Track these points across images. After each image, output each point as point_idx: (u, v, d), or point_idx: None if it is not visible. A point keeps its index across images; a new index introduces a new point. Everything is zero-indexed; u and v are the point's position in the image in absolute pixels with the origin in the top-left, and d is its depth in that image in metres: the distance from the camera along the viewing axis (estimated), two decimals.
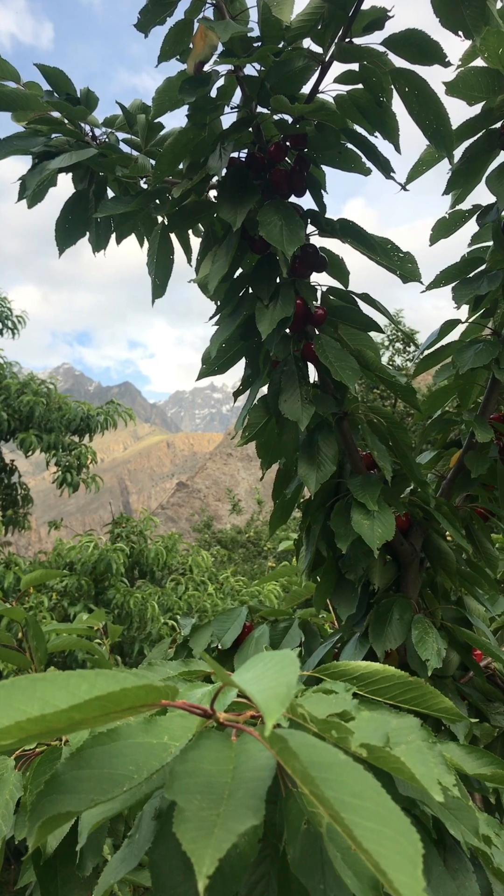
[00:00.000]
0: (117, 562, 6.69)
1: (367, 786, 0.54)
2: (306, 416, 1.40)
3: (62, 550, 7.00)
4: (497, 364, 1.51)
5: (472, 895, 1.07)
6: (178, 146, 1.44)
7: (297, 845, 0.74)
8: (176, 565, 7.98)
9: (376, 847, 0.48)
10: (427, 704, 0.91)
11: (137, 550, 7.55)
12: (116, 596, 6.65)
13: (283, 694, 0.49)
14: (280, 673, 0.53)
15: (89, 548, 6.77)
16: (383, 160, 1.40)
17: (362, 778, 0.55)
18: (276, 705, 0.49)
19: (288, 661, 0.55)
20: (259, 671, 0.56)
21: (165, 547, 7.75)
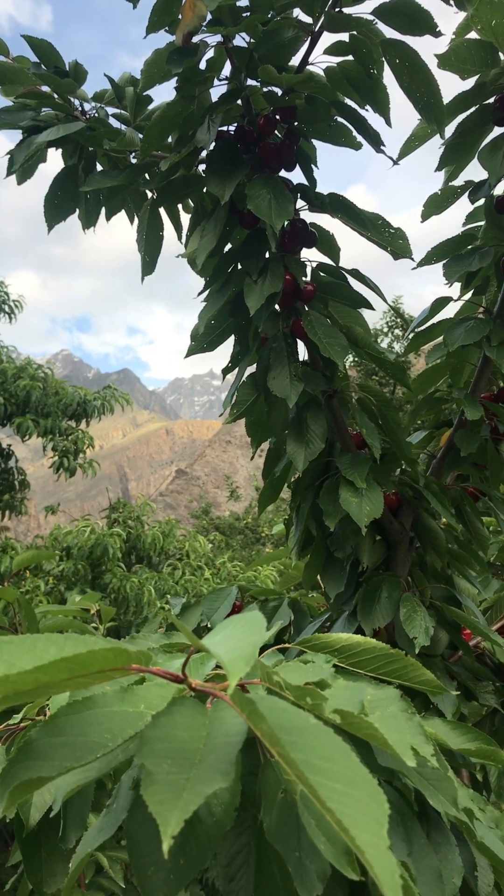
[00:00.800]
0: (114, 546, 6.69)
1: (336, 749, 0.54)
2: (295, 394, 1.39)
3: (59, 535, 7.01)
4: (488, 341, 1.50)
5: (455, 868, 1.07)
6: (166, 119, 1.42)
7: (274, 814, 0.73)
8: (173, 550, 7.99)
9: (341, 807, 0.48)
10: (409, 677, 0.90)
11: (134, 535, 7.56)
12: (113, 580, 6.67)
13: (248, 653, 0.49)
14: (246, 634, 0.53)
15: (86, 532, 6.78)
16: (373, 133, 1.39)
17: (332, 741, 0.54)
18: (241, 664, 0.48)
19: (254, 623, 0.54)
20: (227, 634, 0.56)
21: (162, 532, 7.75)
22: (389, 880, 0.44)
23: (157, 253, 1.70)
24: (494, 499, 1.73)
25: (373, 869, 0.44)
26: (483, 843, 1.07)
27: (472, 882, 1.18)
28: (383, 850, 0.45)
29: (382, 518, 1.59)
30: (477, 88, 1.52)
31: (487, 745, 1.15)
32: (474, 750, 1.14)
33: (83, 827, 1.08)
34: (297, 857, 0.71)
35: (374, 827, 0.47)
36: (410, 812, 1.01)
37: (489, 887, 1.22)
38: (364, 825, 0.47)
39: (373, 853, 0.45)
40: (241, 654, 0.50)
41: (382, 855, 0.45)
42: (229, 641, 0.53)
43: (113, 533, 6.93)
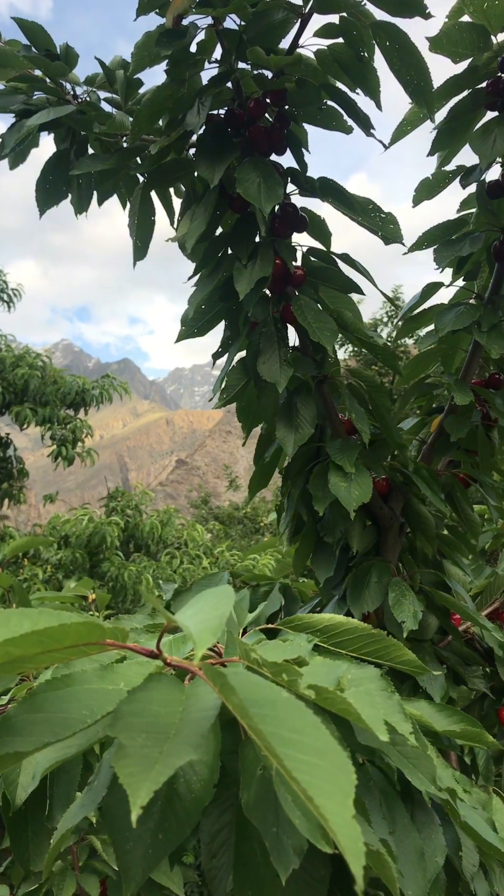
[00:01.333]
0: (112, 535, 6.71)
1: (307, 722, 0.54)
2: (284, 378, 1.39)
3: (57, 524, 7.02)
4: (478, 326, 1.50)
5: (438, 848, 1.08)
6: (156, 102, 1.41)
7: (252, 790, 0.74)
8: (172, 539, 8.01)
9: (308, 778, 0.48)
10: (390, 657, 0.91)
11: (132, 524, 7.57)
12: (111, 569, 6.69)
13: (215, 625, 0.49)
14: (214, 607, 0.53)
15: (84, 521, 6.79)
16: (364, 117, 1.38)
17: (303, 714, 0.55)
18: (208, 636, 0.49)
19: (222, 597, 0.55)
20: (198, 608, 0.56)
21: (161, 521, 7.77)
22: (353, 847, 0.44)
23: (148, 238, 1.70)
24: (485, 485, 1.73)
25: (336, 836, 0.45)
26: (467, 823, 1.08)
27: (457, 862, 1.19)
28: (348, 819, 0.46)
29: (372, 503, 1.59)
30: (469, 72, 1.52)
31: (473, 727, 1.16)
32: (459, 732, 1.15)
33: (69, 805, 1.09)
34: (275, 833, 0.72)
35: (340, 797, 0.48)
36: (394, 792, 1.02)
37: (474, 867, 1.24)
38: (330, 795, 0.47)
39: (336, 821, 0.45)
40: (208, 626, 0.50)
41: (346, 823, 0.45)
42: (199, 615, 0.54)
43: (111, 521, 6.95)
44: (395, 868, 0.75)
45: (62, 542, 6.94)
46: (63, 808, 1.09)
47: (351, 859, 0.44)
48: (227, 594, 0.55)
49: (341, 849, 0.44)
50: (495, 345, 1.46)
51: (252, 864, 0.80)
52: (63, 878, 2.20)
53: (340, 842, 0.44)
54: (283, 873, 0.70)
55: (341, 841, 0.44)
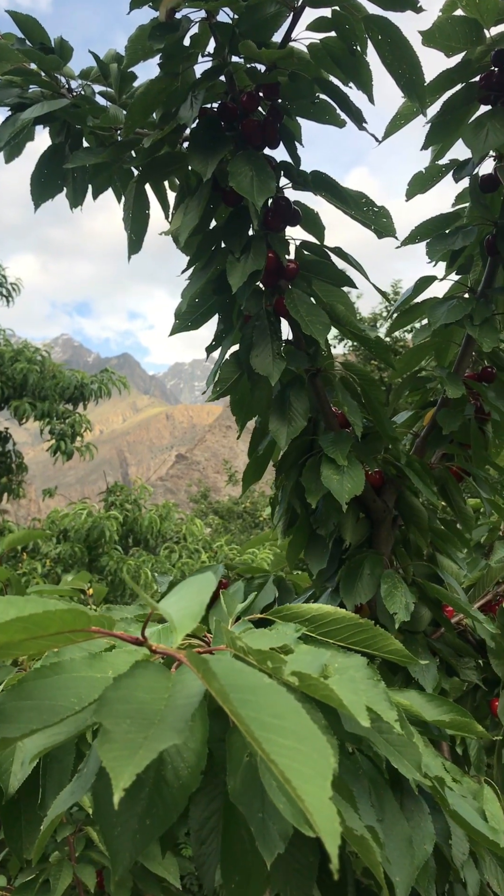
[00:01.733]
0: (110, 529, 6.72)
1: (288, 708, 0.55)
2: (277, 371, 1.40)
3: (56, 518, 7.03)
4: (470, 320, 1.51)
5: (427, 835, 1.10)
6: (149, 96, 1.41)
7: (238, 777, 0.75)
8: (170, 534, 8.02)
9: (287, 761, 0.49)
10: (377, 646, 0.92)
11: (131, 519, 7.58)
12: (110, 563, 6.70)
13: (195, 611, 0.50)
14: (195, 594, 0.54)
15: (83, 515, 6.80)
16: (356, 110, 1.38)
17: (284, 700, 0.56)
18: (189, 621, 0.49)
19: (203, 584, 0.55)
20: (179, 595, 0.57)
21: (159, 515, 7.78)
22: (329, 828, 0.45)
23: (143, 231, 1.70)
24: (478, 478, 1.74)
25: (312, 817, 0.46)
26: (455, 811, 1.09)
27: (446, 850, 1.20)
28: (324, 801, 0.47)
29: (366, 496, 1.60)
30: (462, 66, 1.52)
31: (462, 716, 1.17)
32: (449, 721, 1.16)
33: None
34: (261, 818, 0.73)
35: (318, 780, 0.48)
36: (382, 780, 1.03)
37: (464, 856, 1.25)
38: (308, 778, 0.48)
39: (313, 803, 0.46)
40: (188, 612, 0.51)
41: (323, 805, 0.46)
42: (180, 602, 0.55)
43: (110, 516, 6.96)
44: (381, 853, 0.76)
45: (61, 536, 6.95)
46: (56, 797, 1.10)
47: (327, 839, 0.45)
48: (209, 582, 0.55)
49: (317, 829, 0.45)
50: (487, 338, 1.46)
51: (239, 851, 0.81)
52: (60, 868, 2.22)
53: (316, 822, 0.45)
54: (268, 858, 0.71)
55: (317, 821, 0.45)
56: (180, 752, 0.72)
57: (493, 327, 1.50)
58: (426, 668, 1.54)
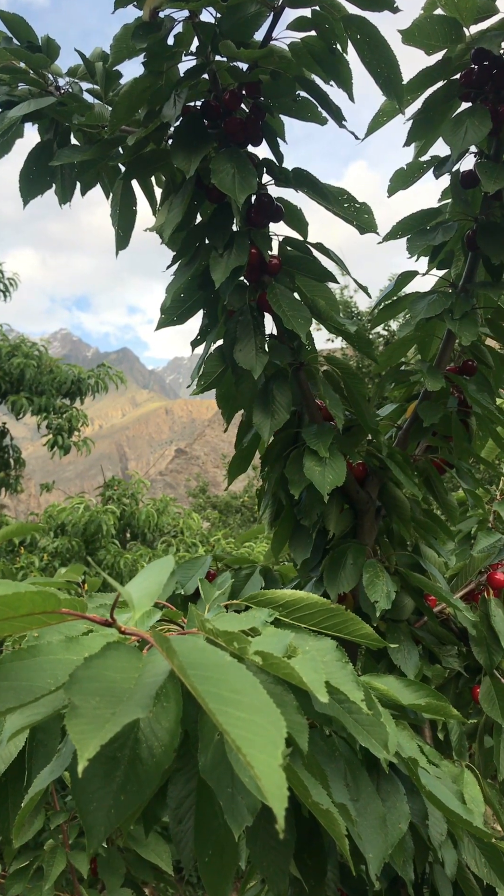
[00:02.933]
0: (107, 523, 6.75)
1: (246, 683, 0.58)
2: (260, 365, 1.43)
3: (53, 512, 7.07)
4: (451, 314, 1.53)
5: (402, 815, 1.13)
6: (133, 94, 1.44)
7: (209, 754, 0.78)
8: (168, 528, 8.06)
9: (240, 732, 0.52)
10: (348, 630, 0.95)
11: (129, 513, 7.62)
12: (107, 557, 6.73)
13: (153, 590, 0.53)
14: (155, 575, 0.57)
15: (80, 510, 6.83)
16: (335, 108, 1.41)
17: (243, 676, 0.59)
18: (146, 599, 0.52)
19: (163, 566, 0.58)
20: (142, 578, 0.60)
21: (157, 510, 7.82)
22: (276, 793, 0.48)
23: (130, 227, 1.73)
24: (461, 470, 1.77)
25: (260, 781, 0.49)
26: (431, 792, 1.12)
27: (423, 830, 1.24)
28: (274, 767, 0.50)
29: (349, 487, 1.63)
30: (442, 64, 1.54)
31: (438, 700, 1.21)
32: (425, 705, 1.19)
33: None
34: (230, 793, 0.76)
35: (269, 748, 0.52)
36: (358, 762, 1.06)
37: (441, 836, 1.28)
38: (260, 746, 0.51)
39: (261, 768, 0.49)
40: (146, 591, 0.54)
41: (271, 771, 0.49)
42: (141, 583, 0.58)
43: (107, 510, 6.99)
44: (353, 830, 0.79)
45: (58, 530, 6.99)
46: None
47: (273, 803, 0.48)
48: (167, 564, 0.58)
49: (265, 793, 0.48)
50: (466, 332, 1.49)
51: (212, 826, 0.84)
52: (53, 855, 2.25)
53: (264, 786, 0.48)
54: (236, 830, 0.74)
55: (264, 785, 0.48)
56: (155, 732, 0.75)
57: (473, 321, 1.53)
58: (408, 656, 1.57)
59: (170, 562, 0.59)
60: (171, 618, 0.88)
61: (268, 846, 0.97)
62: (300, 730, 0.79)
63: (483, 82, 1.56)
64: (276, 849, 0.97)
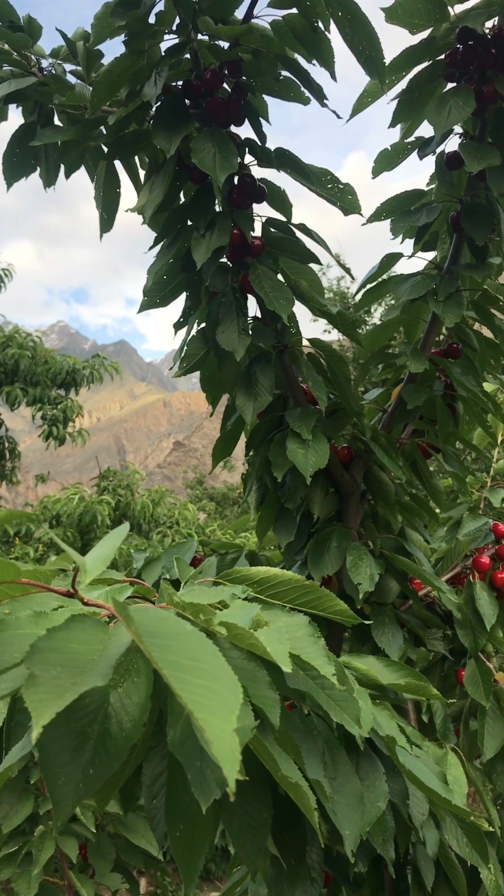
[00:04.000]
0: (102, 514, 6.75)
1: (205, 651, 0.58)
2: (242, 347, 1.42)
3: (48, 503, 7.07)
4: (434, 296, 1.52)
5: (380, 794, 1.13)
6: (114, 74, 1.43)
7: (178, 728, 0.78)
8: (164, 519, 8.06)
9: (195, 697, 0.52)
10: (322, 606, 0.94)
11: (124, 503, 7.62)
12: None
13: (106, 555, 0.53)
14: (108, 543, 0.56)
15: (74, 500, 6.83)
16: (317, 87, 1.40)
17: (202, 645, 0.59)
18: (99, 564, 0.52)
19: (116, 535, 0.58)
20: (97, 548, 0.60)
21: (152, 500, 7.82)
22: (228, 756, 0.48)
23: (114, 209, 1.72)
24: (447, 454, 1.77)
25: (212, 745, 0.48)
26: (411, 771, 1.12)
27: (403, 810, 1.24)
28: (227, 731, 0.50)
29: (334, 471, 1.63)
30: (426, 43, 1.53)
31: (418, 680, 1.21)
32: (404, 685, 1.19)
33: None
34: (198, 766, 0.76)
35: (223, 713, 0.51)
36: (336, 741, 1.06)
37: (423, 816, 1.29)
38: (213, 711, 0.51)
39: (213, 731, 0.49)
40: (98, 557, 0.54)
41: (224, 735, 0.49)
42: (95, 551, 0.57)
43: (102, 500, 6.99)
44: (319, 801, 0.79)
45: (54, 521, 6.99)
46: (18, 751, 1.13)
47: (225, 766, 0.48)
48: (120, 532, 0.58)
49: (216, 756, 0.48)
50: (450, 313, 1.48)
51: (184, 802, 0.84)
52: (42, 840, 2.26)
53: (215, 749, 0.48)
54: (203, 803, 0.74)
55: (215, 748, 0.48)
56: (125, 707, 0.75)
57: (458, 303, 1.52)
58: (392, 638, 1.57)
59: (124, 529, 0.59)
60: (143, 594, 0.88)
61: (245, 824, 0.97)
62: (271, 705, 0.79)
63: (468, 62, 1.55)
64: (253, 827, 0.97)
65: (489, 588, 1.66)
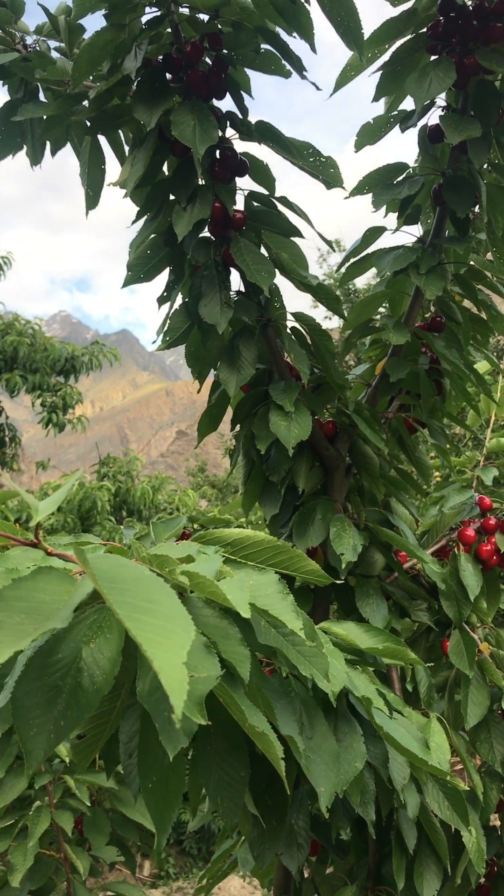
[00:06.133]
0: (102, 500, 6.78)
1: (162, 594, 0.60)
2: (224, 320, 1.43)
3: (48, 490, 7.09)
4: (416, 269, 1.53)
5: (357, 755, 1.15)
6: (95, 48, 1.43)
7: (147, 679, 0.79)
8: (164, 505, 8.09)
9: (149, 635, 0.54)
10: (295, 567, 0.96)
11: (124, 490, 7.65)
12: (102, 533, 6.77)
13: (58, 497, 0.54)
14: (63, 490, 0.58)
15: (74, 486, 6.86)
16: (296, 58, 1.40)
17: (159, 588, 0.60)
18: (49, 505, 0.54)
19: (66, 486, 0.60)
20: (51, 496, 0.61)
21: (152, 487, 7.85)
22: (175, 686, 0.50)
23: (99, 186, 1.73)
24: (432, 429, 1.78)
25: (161, 676, 0.50)
26: (389, 733, 1.14)
27: (383, 772, 1.26)
28: (176, 665, 0.51)
29: (318, 444, 1.64)
30: (408, 15, 1.53)
31: (396, 644, 1.22)
32: (382, 649, 1.21)
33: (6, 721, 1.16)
34: (166, 716, 0.77)
35: (174, 648, 0.53)
36: (313, 702, 1.08)
37: (404, 780, 1.31)
38: (165, 647, 0.53)
39: (161, 664, 0.50)
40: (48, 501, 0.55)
41: (173, 668, 0.51)
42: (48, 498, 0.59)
43: (102, 486, 7.02)
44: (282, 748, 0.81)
45: None
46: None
47: (172, 694, 0.50)
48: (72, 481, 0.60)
49: (164, 684, 0.50)
50: (432, 286, 1.49)
51: (156, 753, 0.86)
52: (38, 814, 2.29)
53: (163, 679, 0.50)
54: (170, 751, 0.75)
55: (163, 677, 0.50)
56: (97, 661, 0.77)
57: (439, 276, 1.53)
58: (377, 609, 1.59)
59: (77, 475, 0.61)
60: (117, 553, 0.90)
61: (222, 781, 0.99)
62: (242, 660, 0.81)
63: (450, 34, 1.55)
64: (230, 784, 0.99)
65: (474, 560, 1.68)
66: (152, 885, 6.24)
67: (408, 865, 1.44)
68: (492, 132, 1.54)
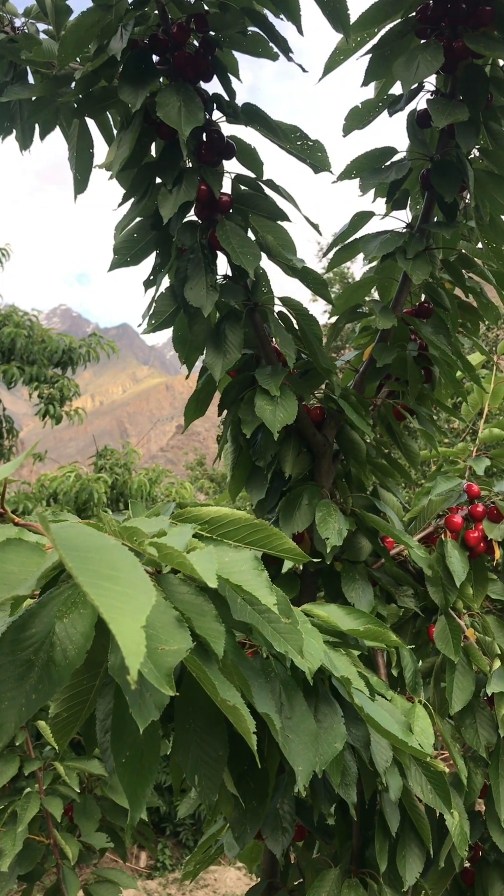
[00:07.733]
0: (99, 491, 6.78)
1: (125, 562, 0.60)
2: (210, 303, 1.43)
3: (45, 481, 7.10)
4: (403, 253, 1.53)
5: (337, 736, 1.15)
6: (80, 29, 1.42)
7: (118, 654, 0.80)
8: (161, 497, 8.09)
9: (109, 601, 0.54)
10: (272, 545, 0.96)
11: (121, 482, 7.65)
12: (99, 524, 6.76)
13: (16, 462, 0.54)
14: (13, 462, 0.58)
15: (70, 478, 6.86)
16: (282, 40, 1.40)
17: (123, 556, 0.60)
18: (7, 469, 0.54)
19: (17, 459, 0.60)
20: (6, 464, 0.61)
21: (150, 479, 7.84)
22: (132, 648, 0.50)
23: (88, 170, 1.72)
24: (420, 416, 1.78)
25: (118, 639, 0.50)
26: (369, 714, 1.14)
27: (365, 754, 1.26)
28: (134, 629, 0.51)
29: (305, 430, 1.64)
30: None
31: (377, 626, 1.22)
32: (363, 631, 1.21)
33: None
34: (137, 690, 0.77)
35: (134, 613, 0.53)
36: (293, 683, 1.08)
37: (387, 763, 1.31)
38: (123, 611, 0.53)
39: (118, 627, 0.50)
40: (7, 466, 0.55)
41: (131, 631, 0.51)
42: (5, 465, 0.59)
43: (98, 478, 7.02)
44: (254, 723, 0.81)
45: (51, 499, 7.02)
46: None
47: (128, 657, 0.50)
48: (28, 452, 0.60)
49: (122, 648, 0.50)
50: (418, 271, 1.49)
51: (129, 728, 0.86)
52: (27, 800, 2.30)
53: (121, 643, 0.50)
54: (141, 724, 0.75)
55: (121, 640, 0.50)
56: (70, 636, 0.77)
57: (426, 261, 1.52)
58: (362, 594, 1.59)
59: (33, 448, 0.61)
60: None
61: (200, 760, 0.99)
62: (216, 636, 0.81)
63: (439, 18, 1.54)
64: (208, 763, 0.99)
65: (460, 546, 1.68)
66: (148, 877, 6.26)
67: (390, 848, 1.45)
68: (480, 117, 1.53)
